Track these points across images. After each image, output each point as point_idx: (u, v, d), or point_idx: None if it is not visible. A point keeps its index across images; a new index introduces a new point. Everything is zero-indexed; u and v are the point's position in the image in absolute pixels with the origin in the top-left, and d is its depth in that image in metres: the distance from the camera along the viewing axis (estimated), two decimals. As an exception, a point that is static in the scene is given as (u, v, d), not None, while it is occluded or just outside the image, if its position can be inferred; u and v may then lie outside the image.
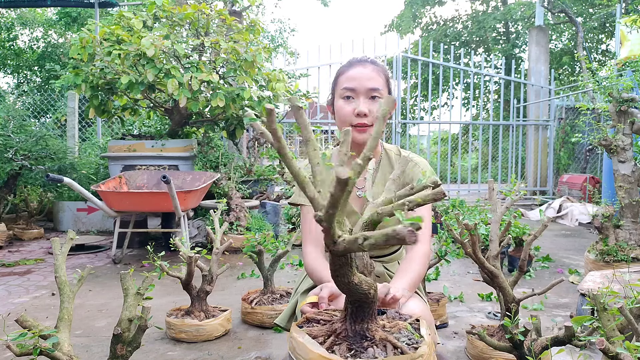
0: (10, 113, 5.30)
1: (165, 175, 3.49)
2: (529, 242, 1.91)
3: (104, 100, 4.77)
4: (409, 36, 18.56)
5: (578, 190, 7.03)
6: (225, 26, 4.86)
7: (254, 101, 4.62)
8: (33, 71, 12.19)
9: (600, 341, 0.98)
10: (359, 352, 0.91)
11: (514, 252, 3.55)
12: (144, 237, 4.57)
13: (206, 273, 2.39)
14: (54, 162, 5.10)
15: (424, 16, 18.72)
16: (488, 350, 1.93)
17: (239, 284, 3.36)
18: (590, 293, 1.19)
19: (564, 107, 8.49)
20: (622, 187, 3.14)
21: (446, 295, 2.70)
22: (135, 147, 4.80)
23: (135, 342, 1.30)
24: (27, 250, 4.58)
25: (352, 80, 1.48)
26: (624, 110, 3.15)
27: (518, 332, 1.37)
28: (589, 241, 4.81)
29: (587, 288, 2.15)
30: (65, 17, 11.20)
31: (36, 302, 2.95)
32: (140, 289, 1.34)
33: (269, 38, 18.02)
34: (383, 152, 1.63)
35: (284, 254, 2.73)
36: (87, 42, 4.26)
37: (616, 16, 7.02)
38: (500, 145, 9.58)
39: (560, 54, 15.60)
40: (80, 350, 2.18)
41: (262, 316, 2.49)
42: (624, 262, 2.94)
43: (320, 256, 1.49)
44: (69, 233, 1.43)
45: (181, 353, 2.18)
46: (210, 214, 2.78)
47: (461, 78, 8.22)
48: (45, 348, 1.12)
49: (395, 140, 7.76)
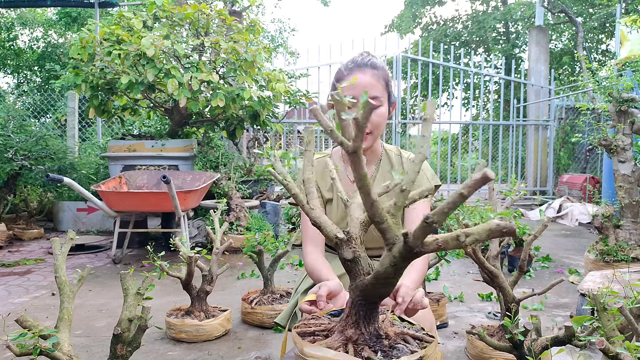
0: (10, 113, 5.30)
1: (165, 175, 3.49)
2: (529, 242, 1.91)
3: (104, 100, 4.77)
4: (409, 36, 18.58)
5: (578, 190, 7.03)
6: (225, 26, 4.86)
7: (254, 101, 4.62)
8: (33, 71, 12.19)
9: (600, 341, 0.98)
10: (387, 352, 0.91)
11: (514, 252, 3.55)
12: (144, 237, 4.57)
13: (206, 273, 2.39)
14: (54, 162, 5.10)
15: (424, 16, 18.72)
16: (488, 350, 1.93)
17: (239, 284, 3.36)
18: (590, 293, 1.19)
19: (564, 107, 8.49)
20: (622, 187, 3.14)
21: (446, 295, 2.70)
22: (135, 147, 4.80)
23: (135, 342, 1.30)
24: (27, 250, 4.58)
25: (350, 89, 1.47)
26: (624, 110, 3.15)
27: (518, 332, 1.37)
28: (589, 241, 4.81)
29: (587, 288, 2.15)
30: (65, 17, 11.20)
31: (36, 302, 2.95)
32: (140, 289, 1.34)
33: (269, 38, 18.03)
34: (383, 153, 1.63)
35: (284, 254, 2.73)
36: (87, 42, 4.26)
37: (616, 16, 7.02)
38: (500, 145, 9.58)
39: (560, 54, 15.61)
40: (80, 350, 2.18)
41: (262, 316, 2.49)
42: (624, 262, 2.93)
43: (320, 256, 1.49)
44: (69, 233, 1.43)
45: (181, 353, 2.18)
46: (210, 214, 2.78)
47: (461, 78, 8.22)
48: (45, 348, 1.12)
49: (395, 141, 7.76)
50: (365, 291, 0.89)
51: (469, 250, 1.83)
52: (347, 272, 0.93)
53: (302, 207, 0.97)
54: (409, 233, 0.74)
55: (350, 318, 0.93)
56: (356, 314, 0.92)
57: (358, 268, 0.91)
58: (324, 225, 0.90)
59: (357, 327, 0.92)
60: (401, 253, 0.79)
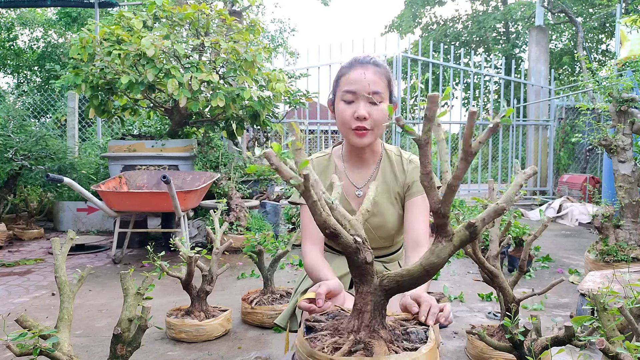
0: (10, 113, 5.30)
1: (165, 175, 3.49)
2: (529, 242, 1.91)
3: (104, 100, 4.77)
4: (409, 36, 18.59)
5: (578, 190, 7.03)
6: (225, 26, 4.86)
7: (254, 101, 4.62)
8: (33, 71, 12.20)
9: (600, 341, 0.98)
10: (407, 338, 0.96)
11: (514, 252, 3.55)
12: (144, 237, 4.57)
13: (206, 273, 2.39)
14: (54, 162, 5.09)
15: (424, 16, 18.73)
16: (488, 350, 1.93)
17: (239, 284, 3.36)
18: (590, 293, 1.19)
19: (564, 107, 8.48)
20: (622, 187, 3.14)
21: (446, 295, 2.70)
22: (135, 147, 4.80)
23: (135, 342, 1.30)
24: (27, 250, 4.58)
25: (353, 84, 1.47)
26: (624, 110, 3.15)
27: (518, 332, 1.37)
28: (589, 241, 4.81)
29: (587, 288, 2.15)
30: (65, 17, 11.21)
31: (36, 302, 2.95)
32: (140, 289, 1.34)
33: (269, 38, 18.03)
34: (383, 153, 1.63)
35: (284, 254, 2.73)
36: (87, 42, 4.26)
37: (616, 16, 7.02)
38: (500, 145, 9.58)
39: (560, 54, 15.61)
40: (80, 350, 2.18)
41: (262, 316, 2.49)
42: (624, 262, 2.93)
43: (319, 255, 1.49)
44: (69, 233, 1.42)
45: (181, 353, 2.18)
46: (210, 214, 2.78)
47: (461, 78, 8.22)
48: (45, 348, 1.12)
49: (395, 141, 7.76)
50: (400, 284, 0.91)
51: (469, 250, 1.83)
52: (361, 275, 0.93)
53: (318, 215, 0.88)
54: (476, 222, 0.84)
55: (364, 316, 0.94)
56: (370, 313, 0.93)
57: (373, 269, 0.93)
58: (343, 234, 0.90)
59: (369, 323, 0.93)
60: (463, 241, 0.86)
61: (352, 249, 0.89)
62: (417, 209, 1.53)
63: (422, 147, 0.82)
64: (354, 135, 1.48)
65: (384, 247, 1.64)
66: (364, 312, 0.93)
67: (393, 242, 1.65)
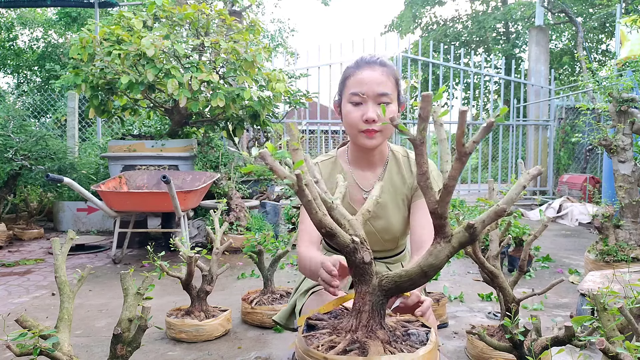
0: (10, 113, 5.29)
1: (165, 175, 3.49)
2: (529, 242, 1.91)
3: (104, 100, 4.77)
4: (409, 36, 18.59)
5: (578, 190, 7.03)
6: (225, 26, 4.86)
7: (254, 101, 4.62)
8: (33, 71, 12.19)
9: (600, 341, 0.98)
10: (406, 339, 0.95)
11: (514, 252, 3.54)
12: (144, 237, 4.56)
13: (206, 273, 2.39)
14: (54, 162, 5.09)
15: (424, 16, 18.74)
16: (488, 350, 1.93)
17: (239, 284, 3.36)
18: (590, 293, 1.19)
19: (564, 107, 8.48)
20: (622, 187, 3.14)
21: (446, 295, 2.70)
22: (135, 147, 4.80)
23: (135, 342, 1.30)
24: (27, 250, 4.58)
25: (360, 85, 1.44)
26: (624, 110, 3.15)
27: (518, 332, 1.37)
28: (589, 241, 4.81)
29: (587, 288, 2.15)
30: (65, 17, 11.20)
31: (36, 302, 2.95)
32: (140, 289, 1.34)
33: (269, 38, 18.03)
34: (390, 154, 1.61)
35: (284, 254, 2.73)
36: (87, 42, 4.26)
37: (616, 16, 7.02)
38: (500, 145, 9.59)
39: (560, 54, 15.61)
40: (80, 350, 2.18)
41: (262, 316, 2.49)
42: (624, 262, 2.93)
43: (315, 249, 1.48)
44: (69, 233, 1.42)
45: (181, 353, 2.18)
46: (210, 214, 2.78)
47: (461, 78, 8.21)
48: (45, 348, 1.12)
49: (396, 140, 7.76)
50: (399, 285, 0.91)
51: (469, 250, 1.83)
52: (360, 274, 0.93)
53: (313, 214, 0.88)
54: (475, 224, 0.83)
55: (362, 316, 0.93)
56: (368, 313, 0.93)
57: (372, 269, 0.93)
58: (339, 234, 0.90)
59: (367, 323, 0.93)
60: (462, 243, 0.85)
61: (349, 249, 0.90)
62: (423, 210, 1.52)
63: (418, 147, 0.82)
64: (363, 137, 1.46)
65: (388, 249, 1.64)
66: (362, 312, 0.93)
67: (397, 244, 1.64)
